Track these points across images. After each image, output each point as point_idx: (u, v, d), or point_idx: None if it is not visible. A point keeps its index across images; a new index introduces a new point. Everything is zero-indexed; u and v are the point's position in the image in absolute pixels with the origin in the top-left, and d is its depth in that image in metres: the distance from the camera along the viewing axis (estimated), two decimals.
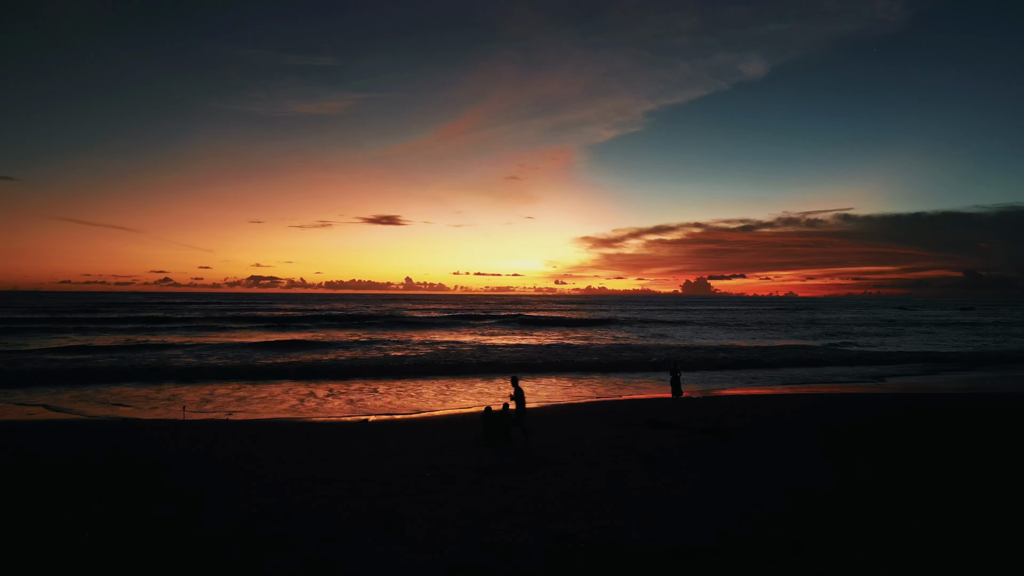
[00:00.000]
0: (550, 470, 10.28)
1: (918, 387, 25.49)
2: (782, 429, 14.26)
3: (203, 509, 8.07)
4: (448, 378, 28.09)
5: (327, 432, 15.31)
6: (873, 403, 19.02)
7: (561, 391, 24.81)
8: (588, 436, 13.64)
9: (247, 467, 10.71)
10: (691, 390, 24.44)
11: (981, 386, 25.15)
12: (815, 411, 17.53)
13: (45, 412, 19.08)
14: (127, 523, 7.36)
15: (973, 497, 8.33)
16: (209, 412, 19.34)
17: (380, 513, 7.76)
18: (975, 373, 30.67)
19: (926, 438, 12.76)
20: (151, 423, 16.73)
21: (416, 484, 9.41)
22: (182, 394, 22.57)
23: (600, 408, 19.73)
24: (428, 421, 17.82)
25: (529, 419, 13.77)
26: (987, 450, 11.53)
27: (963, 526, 7.12)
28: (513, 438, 13.37)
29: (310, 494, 8.79)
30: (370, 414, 19.13)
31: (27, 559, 6.26)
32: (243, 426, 16.38)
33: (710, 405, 19.64)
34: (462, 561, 6.10)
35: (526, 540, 6.71)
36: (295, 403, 21.08)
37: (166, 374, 27.49)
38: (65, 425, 16.11)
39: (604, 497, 8.51)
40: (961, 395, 21.70)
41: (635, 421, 15.92)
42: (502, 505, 8.14)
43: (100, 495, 8.71)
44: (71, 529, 7.11)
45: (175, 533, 6.99)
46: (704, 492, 8.76)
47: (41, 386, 23.99)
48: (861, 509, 7.82)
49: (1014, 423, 14.72)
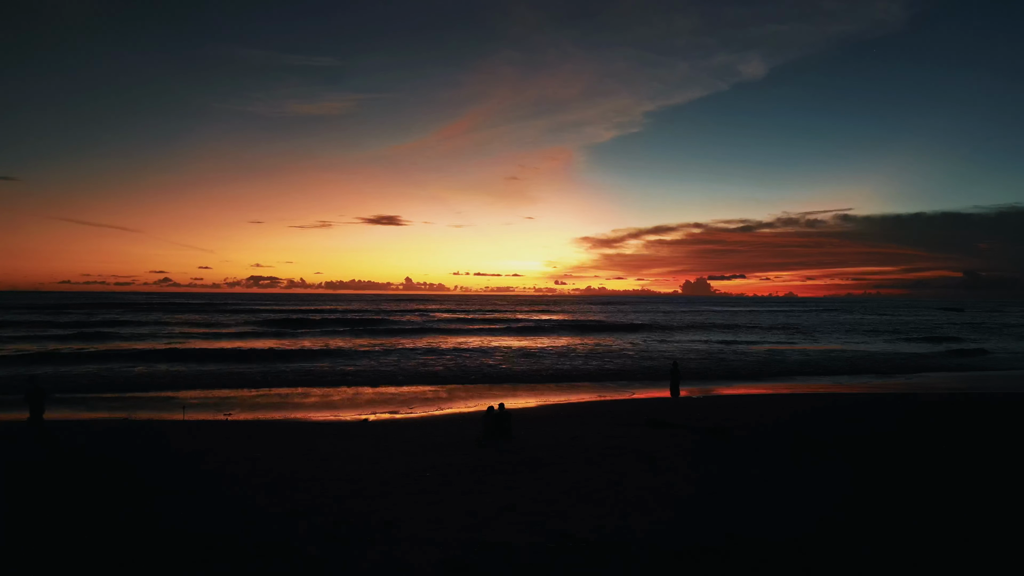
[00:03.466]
0: (550, 470, 10.26)
1: (921, 387, 25.49)
2: (782, 429, 14.23)
3: (203, 509, 8.04)
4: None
5: (327, 432, 15.29)
6: (875, 404, 19.00)
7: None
8: (588, 436, 13.62)
9: (246, 467, 10.68)
10: (691, 390, 24.45)
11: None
12: (815, 410, 17.52)
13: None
14: (126, 523, 7.34)
15: (977, 498, 8.32)
16: (209, 413, 19.33)
17: (380, 513, 7.73)
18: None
19: (931, 439, 12.74)
20: (151, 423, 16.71)
21: (416, 483, 9.38)
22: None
23: (600, 408, 19.74)
24: (428, 420, 17.81)
25: (522, 422, 13.74)
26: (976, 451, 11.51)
27: (966, 527, 7.10)
28: (515, 437, 13.36)
29: (310, 494, 8.77)
30: (371, 414, 19.12)
31: (26, 560, 6.24)
32: (242, 426, 16.37)
33: (710, 405, 19.64)
34: (462, 560, 6.08)
35: (526, 539, 6.69)
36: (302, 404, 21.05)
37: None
38: (59, 425, 16.08)
39: (604, 497, 8.48)
40: (980, 393, 21.68)
41: (635, 421, 15.91)
42: (502, 504, 8.12)
43: (95, 495, 8.68)
44: (66, 531, 7.08)
45: (175, 533, 6.97)
46: (704, 492, 8.74)
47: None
48: (861, 509, 7.80)
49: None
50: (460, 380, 28.44)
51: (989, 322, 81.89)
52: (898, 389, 24.79)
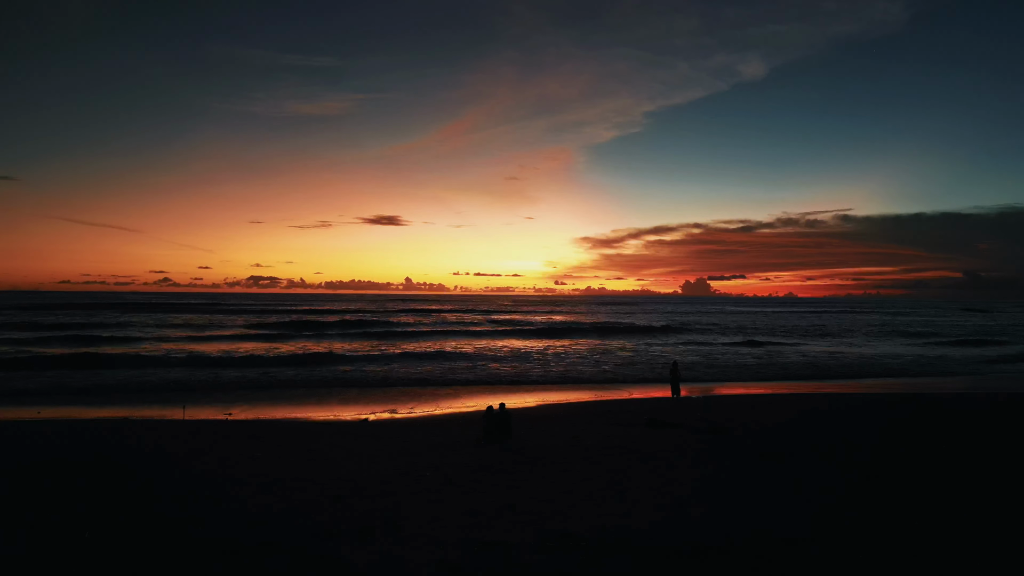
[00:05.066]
0: (551, 469, 10.27)
1: (924, 386, 25.49)
2: (782, 429, 14.24)
3: (203, 509, 8.05)
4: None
5: (327, 432, 15.30)
6: (876, 404, 19.01)
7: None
8: (588, 435, 13.63)
9: (247, 466, 10.69)
10: (691, 389, 24.46)
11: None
12: (817, 411, 17.53)
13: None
14: (124, 522, 7.34)
15: (981, 500, 8.32)
16: (209, 412, 19.34)
17: (381, 512, 7.74)
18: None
19: (935, 439, 12.74)
20: (151, 422, 16.73)
21: (417, 483, 9.39)
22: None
23: (600, 408, 19.75)
24: (429, 420, 17.82)
25: (522, 421, 13.74)
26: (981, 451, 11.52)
27: (964, 527, 7.11)
28: (515, 436, 13.37)
29: (310, 493, 8.78)
30: (371, 413, 19.13)
31: (26, 560, 6.25)
32: (243, 426, 16.38)
33: (710, 405, 19.66)
34: (463, 560, 6.08)
35: (527, 539, 6.70)
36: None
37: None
38: (56, 425, 16.09)
39: (604, 496, 8.49)
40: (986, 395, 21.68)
41: (635, 421, 15.92)
42: (503, 504, 8.12)
43: (97, 493, 8.69)
44: (62, 532, 7.09)
45: (174, 533, 6.97)
46: (704, 492, 8.74)
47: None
48: (863, 510, 7.81)
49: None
50: (460, 380, 28.45)
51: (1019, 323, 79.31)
52: (903, 389, 24.80)
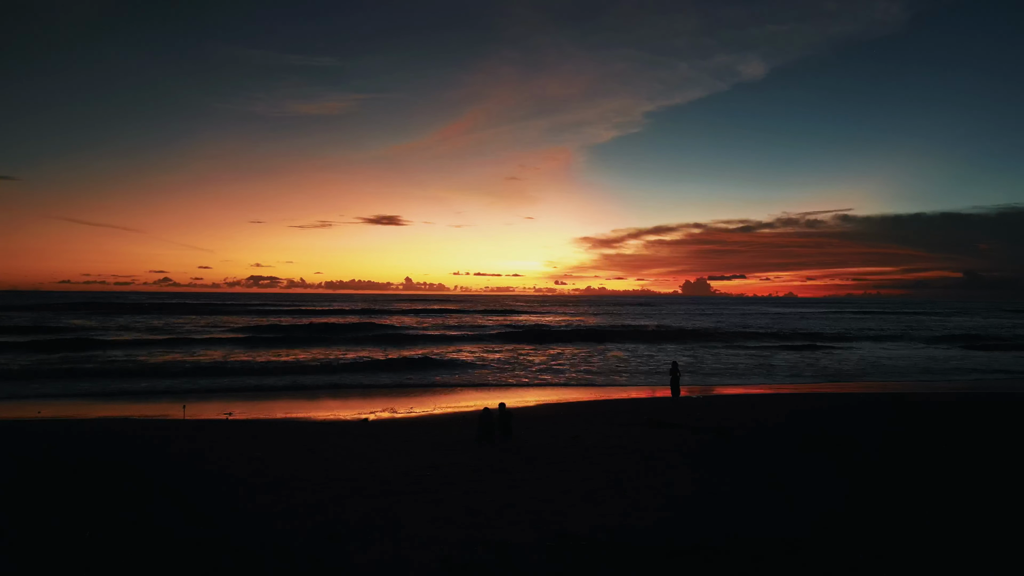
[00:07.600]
0: (551, 469, 10.28)
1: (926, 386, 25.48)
2: (782, 429, 14.25)
3: (203, 509, 8.05)
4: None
5: (328, 432, 15.30)
6: (877, 404, 19.01)
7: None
8: (588, 435, 13.64)
9: (247, 466, 10.69)
10: (691, 389, 24.47)
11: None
12: (817, 411, 17.53)
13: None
14: (127, 524, 7.35)
15: (983, 501, 8.33)
16: (210, 412, 19.35)
17: (381, 512, 7.75)
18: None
19: (932, 440, 12.75)
20: (151, 422, 16.73)
21: (417, 483, 9.40)
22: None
23: (600, 408, 19.76)
24: (428, 420, 17.83)
25: (522, 421, 13.75)
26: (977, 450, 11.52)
27: (972, 529, 7.12)
28: (515, 436, 13.38)
29: (311, 493, 8.78)
30: (371, 413, 19.14)
31: (26, 561, 6.25)
32: (243, 426, 16.38)
33: (710, 405, 19.66)
34: (463, 559, 6.09)
35: (527, 538, 6.70)
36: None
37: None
38: (56, 425, 16.09)
39: (604, 496, 8.50)
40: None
41: (635, 421, 15.93)
42: (503, 503, 8.13)
43: (97, 493, 8.69)
44: (62, 532, 7.10)
45: (174, 532, 6.98)
46: (704, 492, 8.75)
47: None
48: (863, 510, 7.81)
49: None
50: (460, 381, 28.47)
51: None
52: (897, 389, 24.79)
